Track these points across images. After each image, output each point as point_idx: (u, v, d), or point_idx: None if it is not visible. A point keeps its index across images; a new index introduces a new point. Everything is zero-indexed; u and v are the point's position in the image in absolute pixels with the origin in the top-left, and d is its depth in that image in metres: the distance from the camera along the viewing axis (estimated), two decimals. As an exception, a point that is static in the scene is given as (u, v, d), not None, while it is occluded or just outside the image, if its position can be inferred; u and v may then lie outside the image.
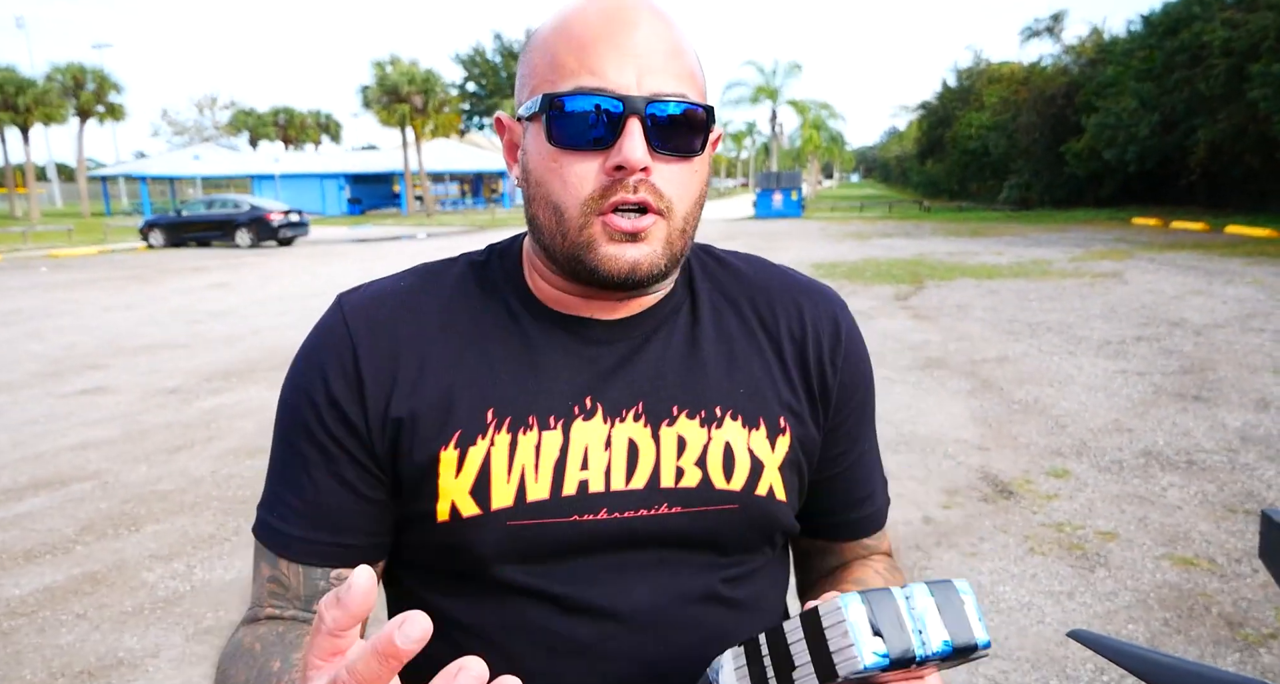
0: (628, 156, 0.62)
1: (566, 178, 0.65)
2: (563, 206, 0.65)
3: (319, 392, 0.69)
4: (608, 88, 0.63)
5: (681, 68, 0.66)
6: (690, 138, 0.66)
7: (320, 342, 0.72)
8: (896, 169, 78.29)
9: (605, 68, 0.63)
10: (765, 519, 0.72)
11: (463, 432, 0.67)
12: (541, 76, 0.66)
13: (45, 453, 4.82)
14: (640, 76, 0.63)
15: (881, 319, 8.45)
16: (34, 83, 36.16)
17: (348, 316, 0.72)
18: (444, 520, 0.67)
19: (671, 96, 0.64)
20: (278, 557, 0.69)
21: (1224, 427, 4.76)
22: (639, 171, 0.63)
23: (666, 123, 0.64)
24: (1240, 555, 3.22)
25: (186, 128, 63.04)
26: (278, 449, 0.72)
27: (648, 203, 0.64)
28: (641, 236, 0.65)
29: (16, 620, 2.98)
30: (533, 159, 0.68)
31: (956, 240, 18.17)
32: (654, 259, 0.66)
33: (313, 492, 0.69)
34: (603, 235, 0.65)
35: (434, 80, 38.02)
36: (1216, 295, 9.30)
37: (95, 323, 9.52)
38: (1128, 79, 24.16)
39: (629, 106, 0.62)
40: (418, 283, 0.75)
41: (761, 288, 0.78)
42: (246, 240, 21.11)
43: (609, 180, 0.64)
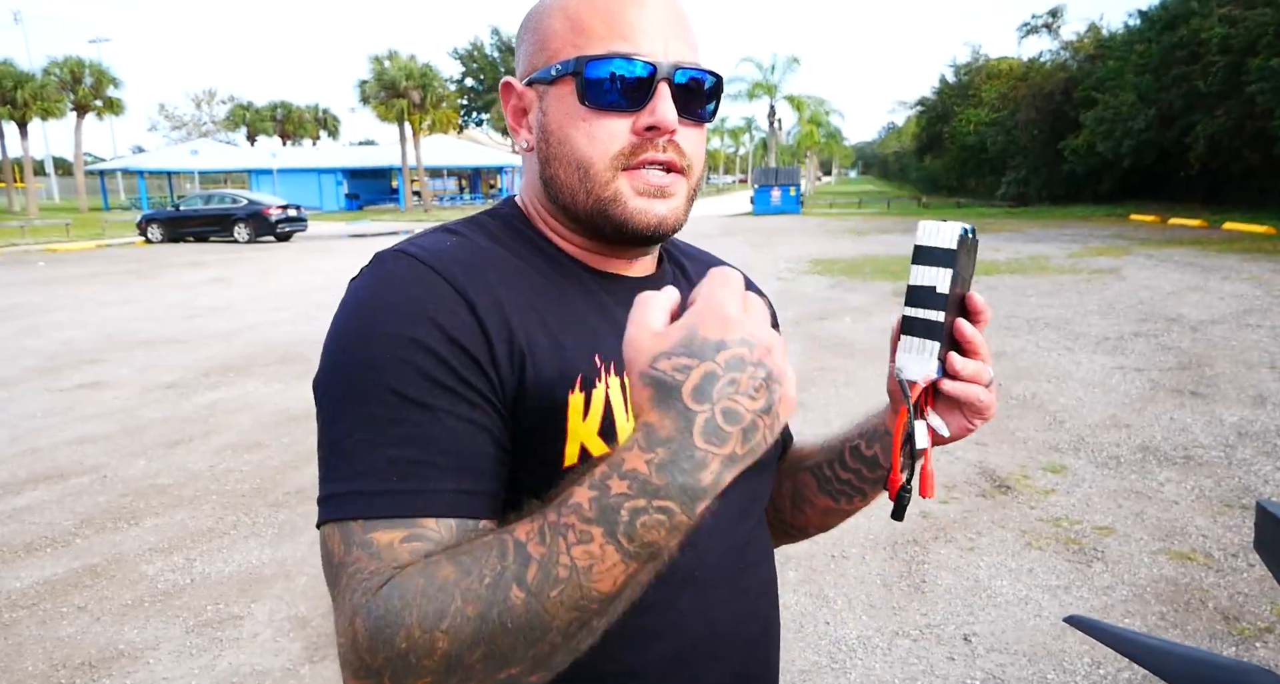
0: (663, 118, 0.67)
1: (595, 134, 0.68)
2: (588, 162, 0.69)
3: (432, 334, 0.61)
4: (640, 53, 0.67)
5: (694, 38, 0.72)
6: (707, 104, 0.72)
7: (406, 290, 0.64)
8: (895, 165, 78.25)
9: (636, 35, 0.68)
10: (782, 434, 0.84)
11: (583, 375, 0.68)
12: (565, 40, 0.69)
13: (43, 447, 4.82)
14: (666, 44, 0.68)
15: (879, 315, 8.46)
16: (32, 77, 36.03)
17: (432, 265, 0.65)
18: (572, 463, 0.65)
19: (693, 65, 0.70)
20: (415, 518, 0.57)
21: (1221, 422, 4.77)
22: (669, 133, 0.68)
23: (690, 88, 0.70)
24: (1236, 550, 3.24)
25: (184, 122, 62.89)
26: (379, 411, 0.60)
27: (674, 162, 0.70)
28: (669, 192, 0.71)
29: (17, 612, 2.98)
30: (555, 119, 0.71)
31: (955, 236, 18.15)
32: (678, 214, 0.72)
33: (450, 442, 0.60)
34: (630, 190, 0.69)
35: (432, 75, 37.94)
36: (1214, 291, 9.32)
37: (93, 318, 9.51)
38: (1126, 73, 24.17)
39: (660, 71, 0.67)
40: (468, 240, 0.72)
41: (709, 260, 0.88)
42: (244, 235, 21.08)
43: (638, 140, 0.69)
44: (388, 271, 0.66)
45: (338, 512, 0.58)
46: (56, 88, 37.12)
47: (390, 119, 37.70)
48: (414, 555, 0.56)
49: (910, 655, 2.63)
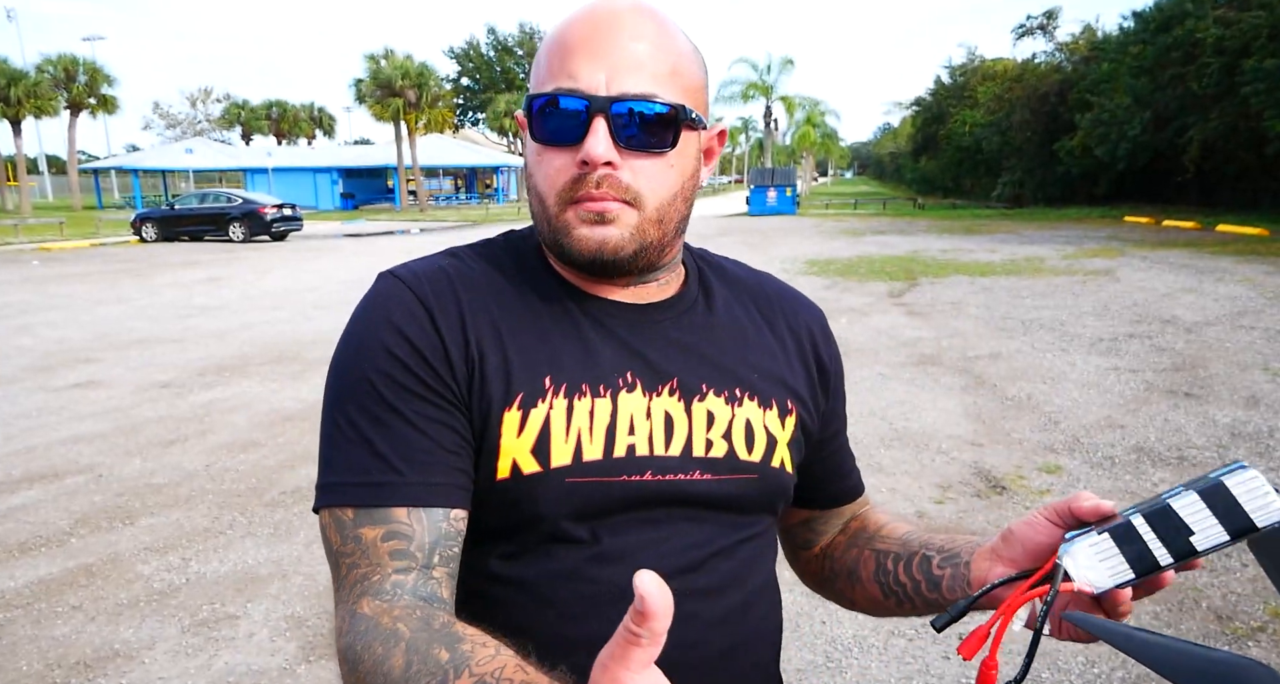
0: (589, 152, 0.68)
1: (546, 170, 0.72)
2: (544, 196, 0.73)
3: (401, 346, 0.70)
4: (578, 88, 0.69)
5: (660, 68, 0.70)
6: (660, 134, 0.71)
7: (386, 305, 0.73)
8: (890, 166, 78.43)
9: (579, 70, 0.69)
10: (777, 488, 0.81)
11: (524, 394, 0.71)
12: (536, 79, 0.73)
13: (38, 446, 4.81)
14: (611, 78, 0.69)
15: (875, 316, 8.47)
16: (25, 75, 35.88)
17: (408, 283, 0.74)
18: (504, 477, 0.70)
19: (638, 96, 0.69)
20: (389, 508, 0.67)
21: (1214, 423, 4.80)
22: (602, 166, 0.69)
23: (634, 120, 0.69)
24: (1230, 551, 3.25)
25: (179, 121, 62.64)
26: (360, 413, 0.70)
27: (609, 197, 0.70)
28: (609, 217, 0.71)
29: (12, 612, 2.97)
30: (527, 153, 0.75)
31: (950, 237, 18.23)
32: (620, 240, 0.71)
33: (419, 439, 0.69)
34: (575, 220, 0.71)
35: (428, 74, 37.89)
36: (1208, 293, 9.36)
37: (87, 317, 9.48)
38: (1121, 75, 24.25)
39: (594, 105, 0.68)
40: (460, 261, 0.79)
41: (758, 288, 0.88)
42: (239, 234, 21.02)
43: (578, 174, 0.70)
44: (375, 290, 0.76)
45: (327, 499, 0.69)
46: (50, 86, 36.97)
47: (386, 118, 37.63)
48: (393, 556, 0.66)
49: (905, 655, 2.64)
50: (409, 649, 0.60)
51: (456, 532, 0.70)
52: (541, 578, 0.72)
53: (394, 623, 0.63)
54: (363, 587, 0.66)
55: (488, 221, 28.78)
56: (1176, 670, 0.70)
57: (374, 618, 0.64)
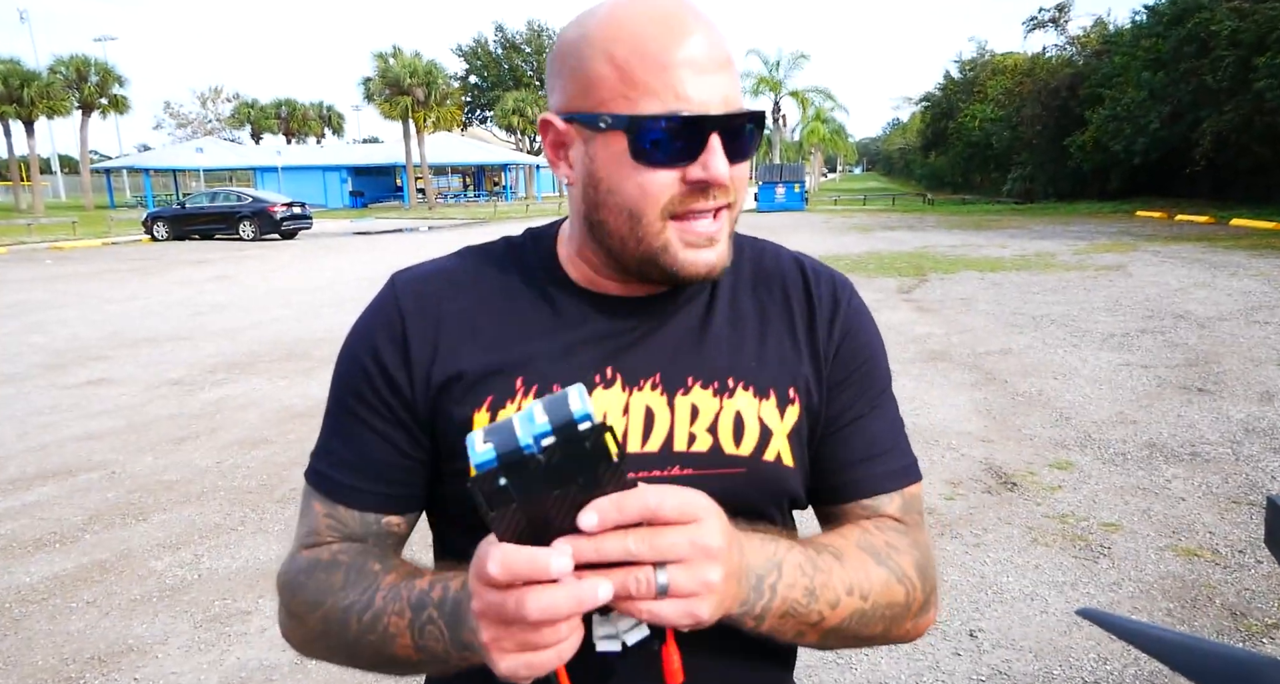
0: (716, 174, 0.68)
1: (647, 188, 0.69)
2: (640, 213, 0.70)
3: (370, 359, 0.77)
4: (693, 107, 0.67)
5: (735, 76, 0.71)
6: (754, 142, 0.72)
7: (373, 314, 0.79)
8: (899, 162, 78.05)
9: (688, 90, 0.67)
10: (771, 483, 0.76)
11: (494, 397, 0.73)
12: (614, 90, 0.68)
13: (51, 444, 4.84)
14: (713, 91, 0.68)
15: (885, 312, 8.44)
16: (38, 75, 36.15)
17: (398, 291, 0.79)
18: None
19: (743, 111, 0.70)
20: (332, 502, 0.78)
21: (1228, 419, 4.76)
22: (722, 187, 0.70)
23: (740, 136, 0.70)
24: (1244, 546, 3.23)
25: (189, 120, 62.97)
26: (333, 407, 0.80)
27: (721, 207, 0.71)
28: (716, 239, 0.72)
29: (27, 607, 3.00)
30: (604, 167, 0.70)
31: (960, 233, 18.14)
32: (724, 258, 0.73)
33: (362, 447, 0.77)
34: (679, 242, 0.71)
35: (436, 72, 37.94)
36: (1221, 288, 9.28)
37: (99, 315, 9.54)
38: (1135, 69, 24.03)
39: (711, 123, 0.67)
40: (462, 263, 0.82)
41: (775, 270, 0.84)
42: (249, 233, 21.12)
43: (688, 189, 0.69)
44: (377, 297, 0.81)
45: (307, 472, 0.80)
46: (62, 86, 37.26)
47: (394, 116, 37.73)
48: (329, 530, 0.77)
49: (916, 651, 2.63)
50: (348, 569, 0.72)
51: (388, 532, 0.78)
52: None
53: (333, 556, 0.74)
54: (304, 541, 0.78)
55: (496, 219, 28.81)
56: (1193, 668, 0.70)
57: (314, 555, 0.75)
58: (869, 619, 0.71)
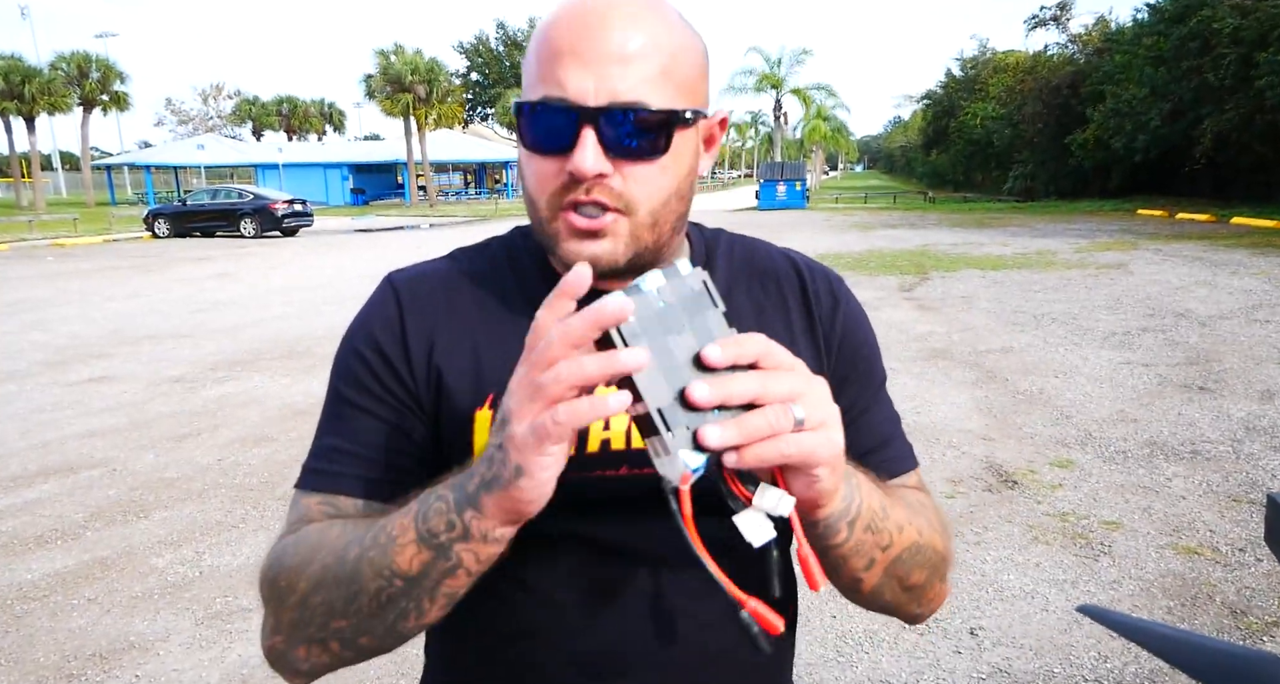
0: (578, 166, 0.67)
1: (535, 177, 0.71)
2: (534, 201, 0.72)
3: (370, 348, 0.76)
4: (567, 97, 0.66)
5: (647, 70, 0.67)
6: (651, 141, 0.69)
7: (372, 309, 0.79)
8: (901, 160, 77.99)
9: (566, 77, 0.67)
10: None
11: (495, 393, 0.73)
12: (526, 80, 0.72)
13: (53, 441, 4.85)
14: (599, 84, 0.66)
15: (886, 310, 8.44)
16: (39, 72, 36.12)
17: (397, 289, 0.79)
18: None
19: (625, 104, 0.66)
20: (332, 494, 0.74)
21: (1229, 417, 4.76)
22: (591, 178, 0.68)
23: (624, 129, 0.67)
24: (1244, 545, 3.23)
25: (190, 117, 63.00)
26: (330, 407, 0.78)
27: (601, 202, 0.69)
28: (601, 233, 0.70)
29: (29, 604, 3.01)
30: (521, 155, 0.74)
31: (961, 231, 18.12)
32: (613, 255, 0.70)
33: (365, 435, 0.75)
34: (565, 231, 0.70)
35: (437, 70, 37.90)
36: (1222, 287, 9.27)
37: (100, 312, 9.55)
38: (1137, 66, 24.00)
39: (583, 116, 0.66)
40: (455, 265, 0.82)
41: (769, 268, 0.84)
42: (250, 230, 21.12)
43: (568, 180, 0.68)
44: (373, 295, 0.81)
45: (298, 482, 0.76)
46: (63, 83, 37.24)
47: (396, 114, 37.70)
48: (323, 514, 0.72)
49: (916, 649, 2.63)
50: (344, 523, 0.68)
51: None
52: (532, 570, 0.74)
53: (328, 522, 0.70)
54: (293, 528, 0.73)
55: (497, 217, 28.81)
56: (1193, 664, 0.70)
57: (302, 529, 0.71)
58: (921, 558, 0.72)
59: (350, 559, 0.64)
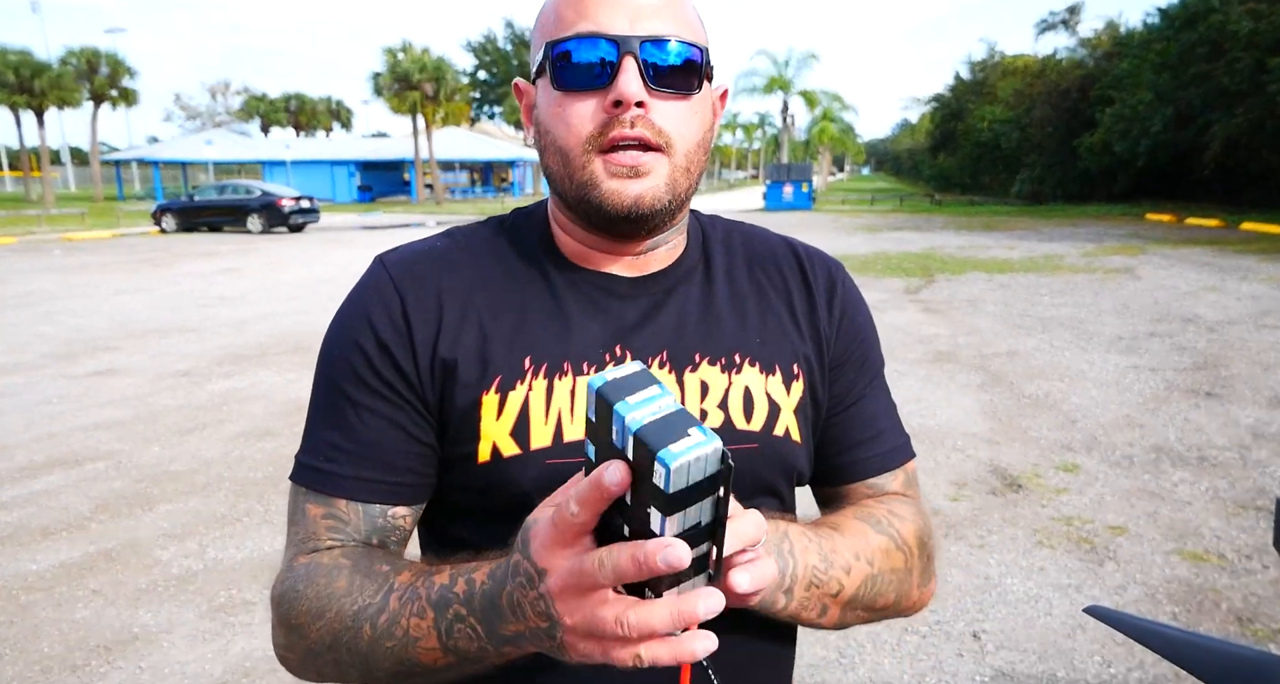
0: (623, 91, 0.66)
1: (569, 119, 0.69)
2: (567, 147, 0.69)
3: (367, 338, 0.72)
4: (603, 30, 0.67)
5: (675, 12, 0.70)
6: (687, 76, 0.69)
7: (365, 293, 0.75)
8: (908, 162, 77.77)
9: (599, 14, 0.67)
10: (782, 458, 0.76)
11: (503, 377, 0.71)
12: (545, 32, 0.71)
13: (59, 433, 4.87)
14: (634, 21, 0.67)
15: (891, 312, 8.42)
16: (49, 66, 36.24)
17: (391, 271, 0.75)
18: (485, 460, 0.70)
19: (666, 36, 0.68)
20: (331, 497, 0.72)
21: (1236, 423, 4.73)
22: (635, 107, 0.67)
23: (662, 61, 0.68)
24: (1251, 551, 3.21)
25: (199, 113, 63.12)
26: (324, 398, 0.74)
27: (645, 138, 0.68)
28: (643, 171, 0.69)
29: (34, 595, 3.02)
30: (542, 110, 0.72)
31: (968, 234, 18.08)
32: (656, 193, 0.69)
33: (365, 433, 0.72)
34: (604, 172, 0.69)
35: (445, 68, 37.93)
36: (1231, 292, 9.23)
37: (107, 306, 9.59)
38: (1144, 72, 23.93)
39: (624, 46, 0.67)
40: (452, 242, 0.79)
41: (768, 252, 0.84)
42: (258, 226, 21.17)
43: (607, 118, 0.67)
44: (364, 277, 0.77)
45: (294, 474, 0.75)
46: (73, 77, 37.34)
47: (403, 111, 37.73)
48: (328, 532, 0.71)
49: (919, 652, 2.62)
50: (352, 571, 0.66)
51: (394, 526, 0.73)
52: None
53: (335, 559, 0.69)
54: (300, 548, 0.72)
55: (503, 215, 28.79)
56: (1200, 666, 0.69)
57: (313, 562, 0.69)
58: (880, 586, 0.70)
59: (364, 640, 0.63)
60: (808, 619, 0.68)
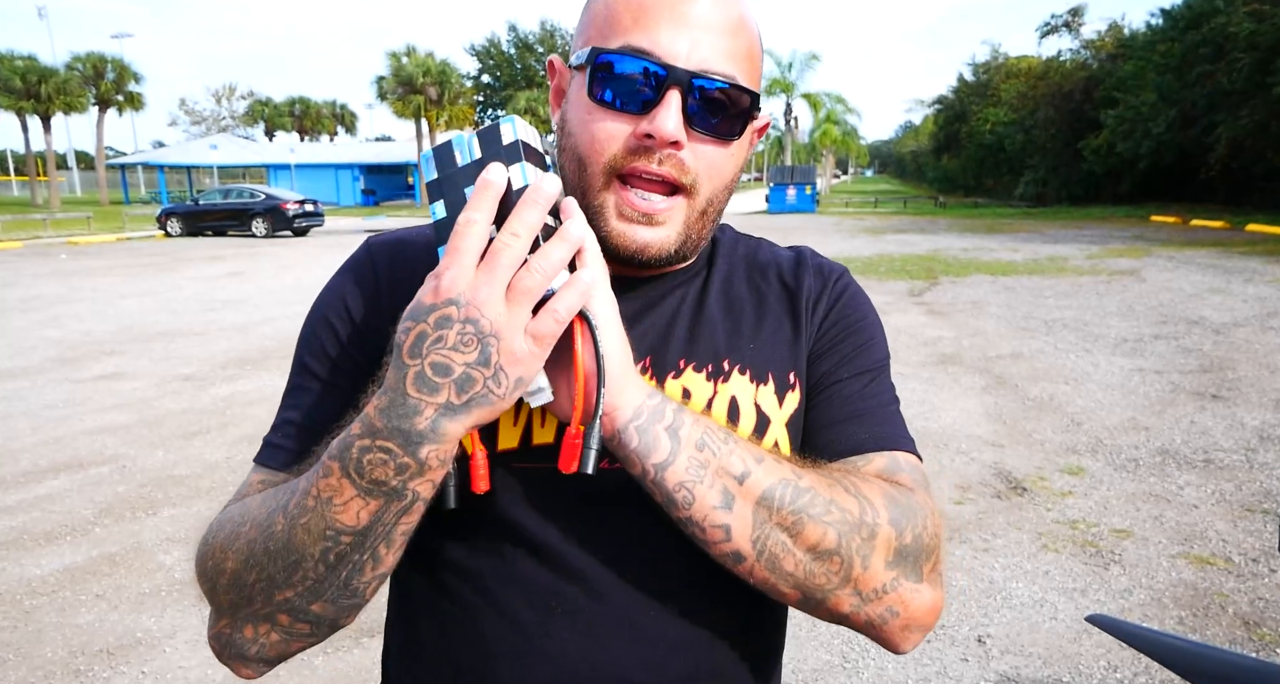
0: (660, 127, 0.61)
1: (596, 133, 0.65)
2: (587, 161, 0.66)
3: (339, 316, 0.72)
4: (656, 52, 0.62)
5: (737, 47, 0.65)
6: (731, 121, 0.65)
7: (346, 274, 0.75)
8: (911, 164, 77.73)
9: (658, 32, 0.62)
10: None
11: None
12: (597, 29, 0.66)
13: (64, 437, 4.88)
14: (693, 48, 0.62)
15: (895, 315, 8.41)
16: (55, 72, 36.47)
17: (374, 252, 0.75)
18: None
19: (719, 75, 0.63)
20: (274, 470, 0.70)
21: (1242, 426, 4.71)
22: (668, 146, 0.63)
23: (709, 100, 0.63)
24: (1258, 555, 3.19)
25: (204, 117, 63.36)
26: (293, 378, 0.74)
27: (670, 177, 0.64)
28: (658, 220, 0.65)
29: (37, 599, 3.02)
30: (571, 109, 0.68)
31: (972, 236, 18.04)
32: (666, 243, 0.65)
33: (321, 410, 0.70)
34: (615, 210, 0.65)
35: (449, 72, 38.04)
36: (1236, 294, 9.19)
37: (112, 310, 9.61)
38: (1148, 73, 23.90)
39: (672, 76, 0.62)
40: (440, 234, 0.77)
41: (770, 259, 0.80)
42: (262, 230, 21.23)
43: (636, 145, 0.63)
44: (351, 257, 0.76)
45: (257, 457, 0.73)
46: (79, 82, 37.55)
47: (407, 115, 37.83)
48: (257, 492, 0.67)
49: (923, 656, 2.61)
50: (262, 495, 0.65)
51: None
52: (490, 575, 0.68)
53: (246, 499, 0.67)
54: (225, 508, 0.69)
55: (507, 218, 28.81)
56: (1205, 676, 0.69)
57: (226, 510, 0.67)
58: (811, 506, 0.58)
59: (279, 531, 0.59)
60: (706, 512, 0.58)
